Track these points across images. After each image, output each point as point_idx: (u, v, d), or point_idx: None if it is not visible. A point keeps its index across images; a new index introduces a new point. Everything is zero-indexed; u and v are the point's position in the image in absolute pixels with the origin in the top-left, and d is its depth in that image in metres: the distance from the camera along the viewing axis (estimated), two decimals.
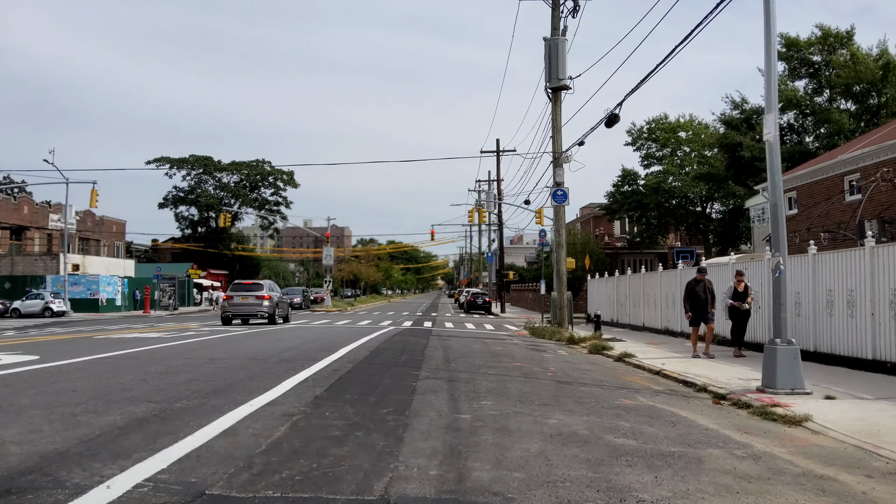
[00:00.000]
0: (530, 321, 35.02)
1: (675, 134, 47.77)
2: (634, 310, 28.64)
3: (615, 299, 31.59)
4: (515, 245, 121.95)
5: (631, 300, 29.18)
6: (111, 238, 76.78)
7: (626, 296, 29.90)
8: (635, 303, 28.56)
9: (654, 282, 26.30)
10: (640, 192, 48.38)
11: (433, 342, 19.93)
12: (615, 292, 31.68)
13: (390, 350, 16.78)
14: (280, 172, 77.74)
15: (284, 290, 57.01)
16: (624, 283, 30.46)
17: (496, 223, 54.06)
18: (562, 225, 27.76)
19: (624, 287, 30.34)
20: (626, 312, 29.89)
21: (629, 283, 29.56)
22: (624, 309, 30.04)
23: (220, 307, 32.94)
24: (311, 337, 21.35)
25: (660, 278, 25.67)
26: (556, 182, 27.44)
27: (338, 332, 25.12)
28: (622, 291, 30.63)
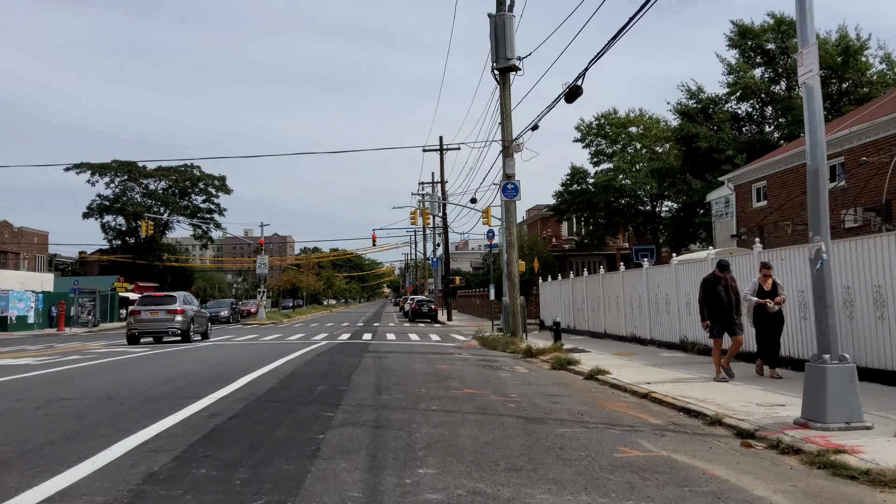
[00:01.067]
0: (480, 330, 31.80)
1: (625, 129, 45.30)
2: (594, 315, 25.62)
3: (570, 304, 28.56)
4: (461, 251, 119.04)
5: (589, 304, 26.17)
6: (32, 250, 70.96)
7: (583, 300, 26.87)
8: (594, 307, 25.55)
9: (616, 283, 23.32)
10: (589, 191, 45.74)
11: (366, 362, 16.44)
12: (570, 296, 28.66)
13: (308, 376, 13.24)
14: (211, 178, 72.97)
15: (211, 302, 52.80)
16: (580, 285, 27.45)
17: (441, 226, 50.81)
18: (513, 222, 24.60)
19: (580, 290, 27.33)
20: (583, 318, 26.87)
21: (586, 286, 26.55)
22: (581, 314, 27.01)
23: (126, 324, 28.76)
24: (217, 359, 17.60)
25: (622, 279, 22.68)
26: (507, 174, 24.28)
27: (256, 350, 21.40)
28: (578, 295, 27.61)
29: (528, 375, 14.45)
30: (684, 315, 18.05)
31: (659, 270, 19.90)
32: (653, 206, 46.10)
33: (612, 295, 23.54)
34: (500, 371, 15.17)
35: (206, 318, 30.80)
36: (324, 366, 15.37)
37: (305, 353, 19.60)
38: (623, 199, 45.43)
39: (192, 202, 74.40)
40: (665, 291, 19.19)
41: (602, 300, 24.57)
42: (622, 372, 14.33)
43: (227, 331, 38.43)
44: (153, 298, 28.46)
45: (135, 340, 27.18)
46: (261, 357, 17.89)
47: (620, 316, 22.72)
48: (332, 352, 20.02)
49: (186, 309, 27.90)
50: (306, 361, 16.42)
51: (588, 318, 26.20)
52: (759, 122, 36.17)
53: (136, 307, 28.21)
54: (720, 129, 33.61)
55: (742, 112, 36.14)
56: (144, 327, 27.17)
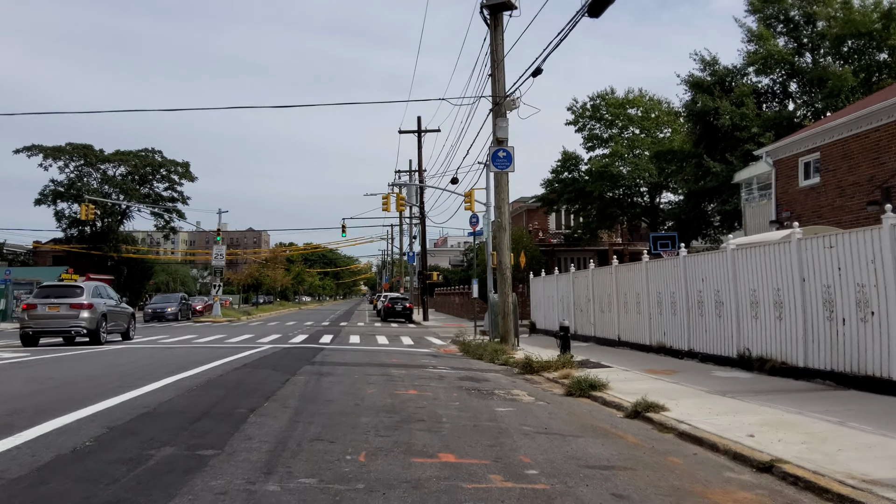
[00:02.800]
0: (461, 332, 26.55)
1: (623, 110, 40.21)
2: (603, 317, 20.38)
3: (570, 303, 23.31)
4: (439, 247, 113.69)
5: (596, 304, 20.93)
6: None
7: (587, 298, 21.61)
8: (603, 307, 20.31)
9: (635, 277, 18.09)
10: (582, 180, 40.63)
11: (295, 383, 11.04)
12: (570, 294, 23.40)
13: (174, 416, 7.76)
14: (174, 164, 66.83)
15: (157, 297, 46.93)
16: (584, 280, 22.19)
17: (418, 217, 45.41)
18: (504, 200, 19.27)
19: (584, 286, 22.07)
20: (588, 320, 21.62)
21: (593, 281, 21.29)
22: (585, 316, 21.76)
23: (20, 320, 23.01)
24: (72, 377, 12.06)
25: (646, 272, 17.45)
26: (498, 139, 18.96)
27: (165, 358, 15.91)
28: (581, 293, 22.36)
29: (539, 410, 9.15)
30: (747, 319, 12.85)
31: (704, 260, 14.68)
32: (651, 196, 41.06)
33: (630, 292, 18.32)
34: (495, 400, 9.85)
35: (128, 314, 25.10)
36: (225, 390, 9.92)
37: (224, 363, 14.15)
38: (619, 188, 40.38)
39: (154, 189, 68.26)
40: (714, 287, 13.98)
41: (615, 299, 19.32)
42: (684, 406, 9.11)
43: (168, 329, 32.75)
44: (55, 289, 22.63)
45: (31, 341, 21.54)
46: (154, 370, 12.43)
47: (642, 319, 17.49)
48: (260, 363, 14.53)
49: (96, 303, 22.00)
50: (206, 381, 10.95)
51: (595, 322, 20.94)
52: (782, 99, 31.19)
53: (32, 300, 22.23)
54: (742, 103, 28.54)
55: (763, 86, 31.09)
56: (41, 325, 21.44)
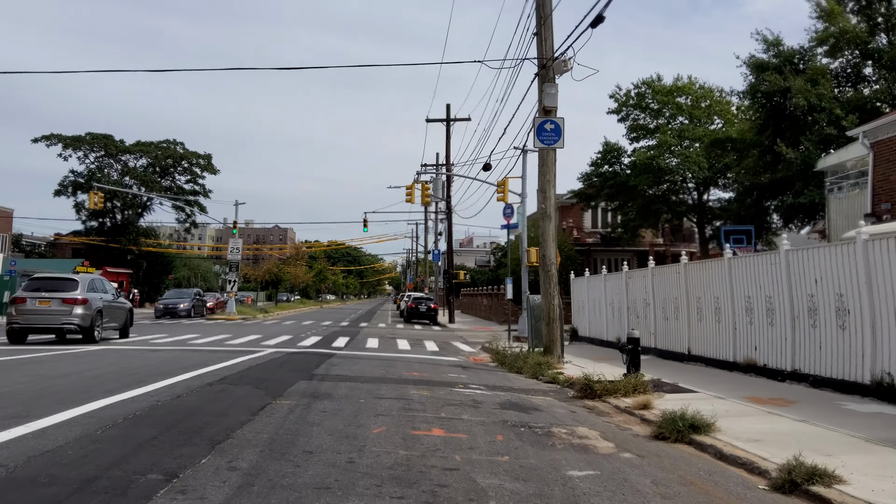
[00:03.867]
0: (493, 338, 23.21)
1: (671, 98, 36.56)
2: (667, 325, 16.91)
3: (623, 308, 19.86)
4: (465, 247, 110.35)
5: (658, 309, 17.46)
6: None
7: (646, 302, 18.14)
8: (668, 314, 16.83)
9: (715, 278, 14.63)
10: (624, 174, 37.05)
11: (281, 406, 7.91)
12: (622, 297, 19.95)
13: (29, 489, 4.56)
14: (195, 156, 64.27)
15: (170, 292, 44.17)
16: (641, 282, 18.72)
17: (444, 212, 42.13)
18: (550, 182, 15.87)
19: (642, 289, 18.61)
20: (646, 329, 18.15)
21: (654, 283, 17.81)
22: (643, 323, 18.29)
23: (7, 314, 20.38)
24: None
25: (728, 271, 13.98)
26: (544, 108, 15.59)
27: (125, 366, 12.80)
28: (638, 295, 18.90)
29: (632, 473, 5.84)
30: (888, 333, 9.39)
31: (819, 255, 11.18)
32: (699, 192, 37.36)
33: (707, 296, 14.84)
34: (559, 451, 6.55)
35: (126, 310, 22.52)
36: (159, 427, 6.69)
37: (198, 375, 10.99)
38: (664, 183, 36.75)
39: (176, 182, 65.77)
40: (835, 289, 10.51)
41: (685, 303, 15.85)
42: (860, 472, 5.79)
43: (172, 327, 29.83)
44: (47, 282, 20.20)
45: (18, 338, 19.11)
46: (98, 385, 9.37)
47: (723, 329, 14.02)
48: (244, 377, 11.29)
49: (91, 298, 19.72)
50: (149, 408, 7.75)
51: (656, 330, 17.46)
52: (855, 83, 27.38)
53: (20, 293, 19.92)
54: (816, 82, 24.85)
55: (833, 69, 27.33)
56: (30, 320, 19.03)
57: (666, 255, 43.28)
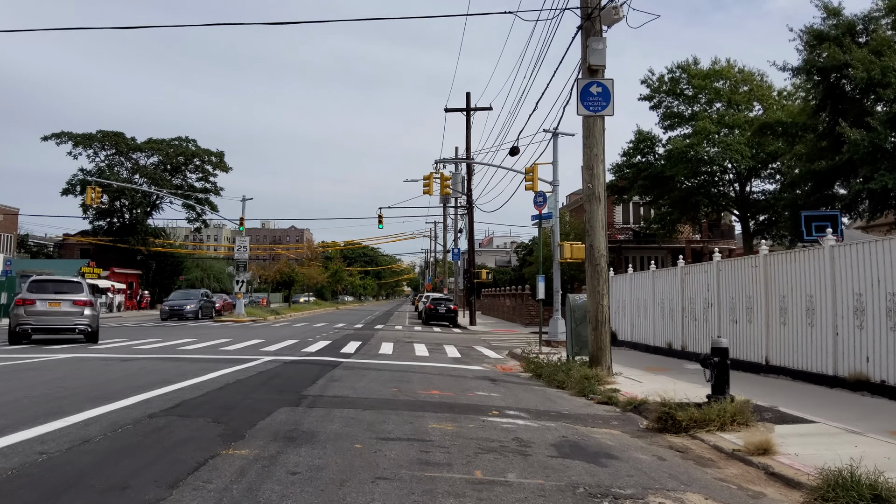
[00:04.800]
0: (523, 343, 20.46)
1: (709, 82, 33.56)
2: (736, 330, 14.05)
3: (676, 309, 17.02)
4: (484, 248, 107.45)
5: (724, 311, 14.62)
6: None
7: (707, 302, 15.29)
8: (738, 316, 14.02)
9: (808, 272, 11.76)
10: (658, 164, 34.09)
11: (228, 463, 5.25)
12: (675, 296, 17.12)
13: None
14: (207, 153, 62.05)
15: (176, 293, 41.75)
16: (700, 278, 15.88)
17: (464, 207, 39.38)
18: (598, 157, 13.08)
19: (701, 286, 15.77)
20: (705, 333, 15.33)
21: (717, 279, 14.96)
22: (701, 327, 15.46)
23: (13, 316, 19.52)
24: None
25: (829, 263, 11.11)
26: (590, 67, 12.83)
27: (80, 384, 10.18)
28: (695, 294, 16.06)
29: None
30: None
31: None
32: (741, 183, 34.32)
33: (795, 294, 12.00)
34: None
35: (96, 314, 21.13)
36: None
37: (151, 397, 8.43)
38: (702, 174, 33.76)
39: (187, 180, 63.55)
40: None
41: (761, 303, 12.99)
42: None
43: (169, 330, 27.35)
44: (53, 284, 20.27)
45: (20, 339, 19.14)
46: None
47: (818, 335, 11.16)
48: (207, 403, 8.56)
49: (94, 301, 20.57)
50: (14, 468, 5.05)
51: (720, 335, 14.53)
52: None
53: (26, 295, 19.57)
54: (880, 54, 21.84)
55: None
56: (42, 322, 19.14)
57: (703, 253, 40.27)
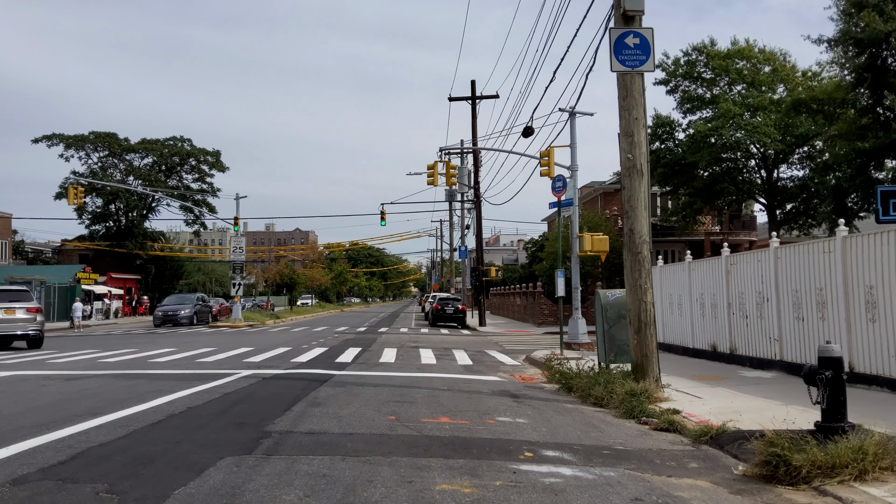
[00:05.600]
0: (546, 351, 18.11)
1: (730, 63, 31.13)
2: (804, 329, 11.66)
3: (720, 304, 14.67)
4: (491, 246, 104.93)
5: (786, 306, 12.25)
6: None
7: (762, 297, 12.89)
8: (807, 312, 11.63)
9: None
10: (678, 151, 31.71)
11: None
12: (720, 290, 14.77)
13: None
14: (203, 153, 59.76)
15: (170, 298, 39.41)
16: (752, 267, 13.52)
17: (471, 201, 36.98)
18: (639, 121, 10.67)
19: (753, 278, 13.43)
20: (762, 333, 12.95)
21: (775, 269, 12.58)
22: (758, 325, 13.06)
23: None
24: None
25: None
26: (625, 13, 10.50)
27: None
28: (745, 288, 13.72)
29: None
30: None
31: None
32: (768, 169, 31.86)
33: (890, 282, 9.55)
34: None
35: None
36: None
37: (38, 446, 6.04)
38: (725, 161, 31.37)
39: (183, 181, 61.29)
40: None
41: (840, 296, 10.61)
42: None
43: (158, 338, 25.08)
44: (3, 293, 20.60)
45: None
46: None
47: None
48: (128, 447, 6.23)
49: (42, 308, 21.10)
50: None
51: (781, 335, 12.18)
52: None
53: None
54: None
55: None
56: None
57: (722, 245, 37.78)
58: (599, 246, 19.95)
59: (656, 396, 9.47)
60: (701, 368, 13.34)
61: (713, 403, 9.06)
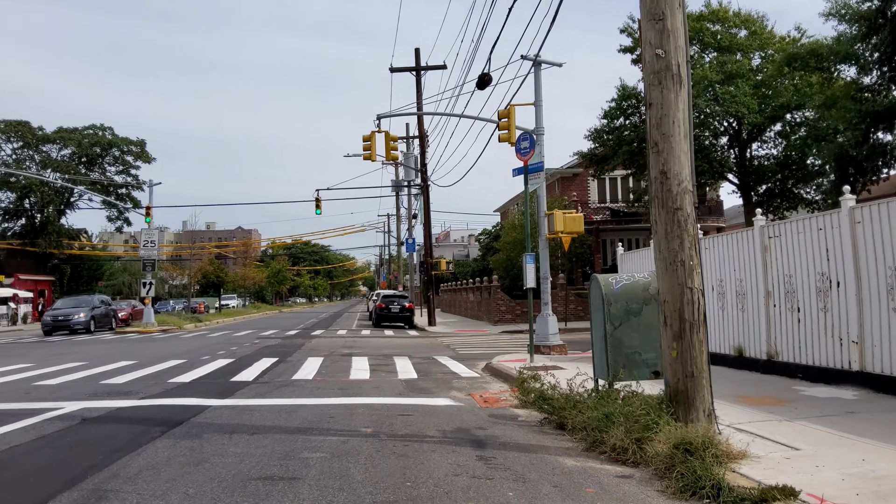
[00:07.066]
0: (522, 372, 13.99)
1: (702, 24, 27.62)
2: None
3: (754, 293, 10.78)
4: (441, 242, 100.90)
5: (872, 292, 8.27)
6: None
7: (827, 281, 9.04)
8: None
9: None
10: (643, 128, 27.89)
11: None
12: (754, 274, 10.89)
13: None
14: (127, 142, 53.86)
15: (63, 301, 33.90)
16: (806, 241, 9.52)
17: (417, 186, 32.66)
18: (673, 6, 6.48)
19: (808, 255, 9.48)
20: (830, 332, 8.95)
21: (854, 239, 8.57)
22: (821, 322, 9.09)
23: None
24: None
25: None
26: None
27: None
28: (798, 269, 9.81)
29: None
30: None
31: None
32: (741, 147, 28.45)
33: None
34: None
35: None
36: None
37: None
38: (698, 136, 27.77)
39: (106, 174, 55.26)
40: None
41: None
42: None
43: (22, 350, 20.09)
44: None
45: None
46: None
47: None
48: None
49: None
50: None
51: (863, 336, 8.21)
52: None
53: None
54: None
55: None
56: None
57: None
58: (573, 226, 15.94)
59: (726, 451, 5.37)
60: (735, 383, 9.34)
61: (835, 465, 5.01)
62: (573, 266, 33.80)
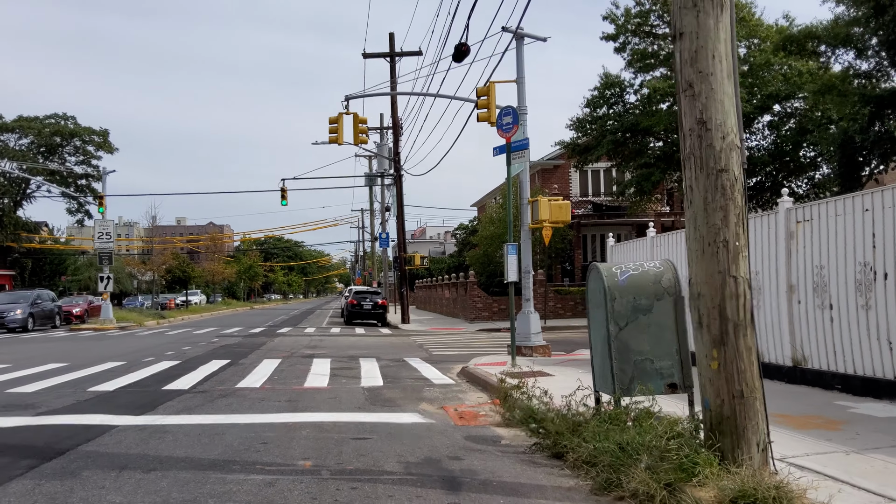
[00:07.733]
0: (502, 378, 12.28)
1: None
2: None
3: (771, 288, 9.19)
4: (417, 239, 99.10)
5: None
6: None
7: (874, 270, 7.37)
8: None
9: None
10: (630, 114, 26.59)
11: None
12: (772, 265, 9.27)
13: None
14: (89, 132, 51.29)
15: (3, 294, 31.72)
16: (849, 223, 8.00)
17: (391, 175, 30.84)
18: None
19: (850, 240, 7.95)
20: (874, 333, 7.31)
21: None
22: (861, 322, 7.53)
23: None
24: None
25: None
26: None
27: None
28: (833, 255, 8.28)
29: None
30: None
31: None
32: None
33: None
34: None
35: None
36: None
37: None
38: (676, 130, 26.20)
39: (66, 164, 52.62)
40: None
41: None
42: None
43: None
44: None
45: None
46: None
47: None
48: None
49: None
50: None
51: None
52: None
53: None
54: None
55: None
56: None
57: (674, 228, 33.07)
58: (559, 215, 14.37)
59: (787, 491, 3.75)
60: None
61: None
62: (552, 262, 32.28)
